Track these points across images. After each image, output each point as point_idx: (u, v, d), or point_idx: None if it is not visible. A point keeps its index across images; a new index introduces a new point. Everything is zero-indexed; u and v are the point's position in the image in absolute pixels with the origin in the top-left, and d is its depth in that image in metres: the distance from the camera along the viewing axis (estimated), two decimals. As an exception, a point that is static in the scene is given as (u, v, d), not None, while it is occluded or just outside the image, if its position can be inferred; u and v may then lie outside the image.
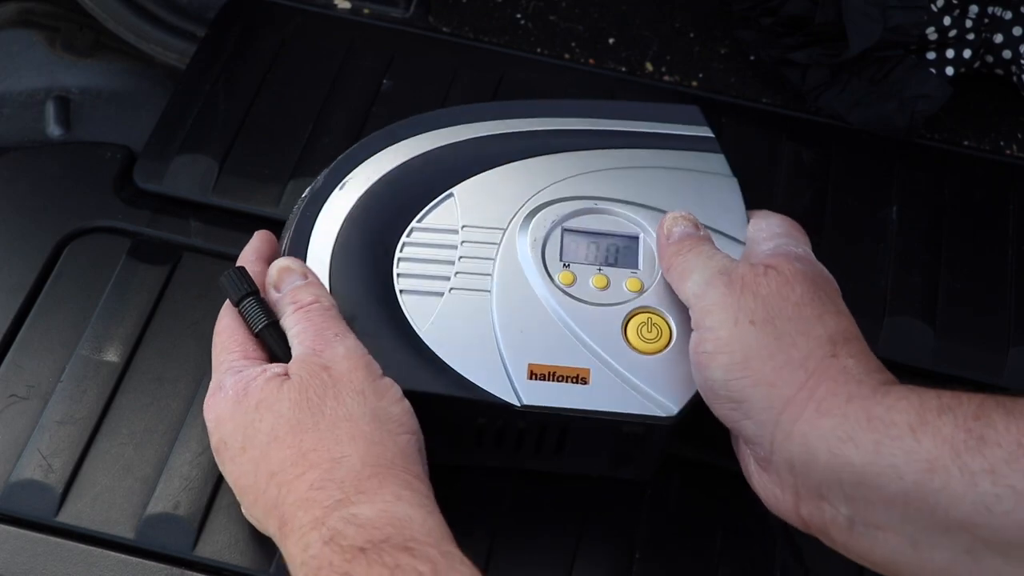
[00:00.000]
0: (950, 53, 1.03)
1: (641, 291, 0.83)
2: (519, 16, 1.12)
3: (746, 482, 0.78)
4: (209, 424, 0.78)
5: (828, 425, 0.71)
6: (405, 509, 0.69)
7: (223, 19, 1.08)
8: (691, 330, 0.78)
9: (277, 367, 0.77)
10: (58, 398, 0.86)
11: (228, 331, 0.80)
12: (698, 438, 0.85)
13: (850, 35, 1.01)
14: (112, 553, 0.81)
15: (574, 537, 0.84)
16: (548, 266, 0.83)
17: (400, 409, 0.75)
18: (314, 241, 0.83)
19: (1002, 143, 1.06)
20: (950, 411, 0.67)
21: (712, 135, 0.90)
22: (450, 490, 0.83)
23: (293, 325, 0.78)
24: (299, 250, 0.83)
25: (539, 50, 1.10)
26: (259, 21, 1.08)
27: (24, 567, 0.80)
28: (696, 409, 0.79)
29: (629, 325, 0.82)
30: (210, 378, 0.78)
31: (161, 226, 0.96)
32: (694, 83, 1.09)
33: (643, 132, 0.89)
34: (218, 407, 0.77)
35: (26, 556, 0.80)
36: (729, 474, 0.81)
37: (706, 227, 0.83)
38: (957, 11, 1.03)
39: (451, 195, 0.85)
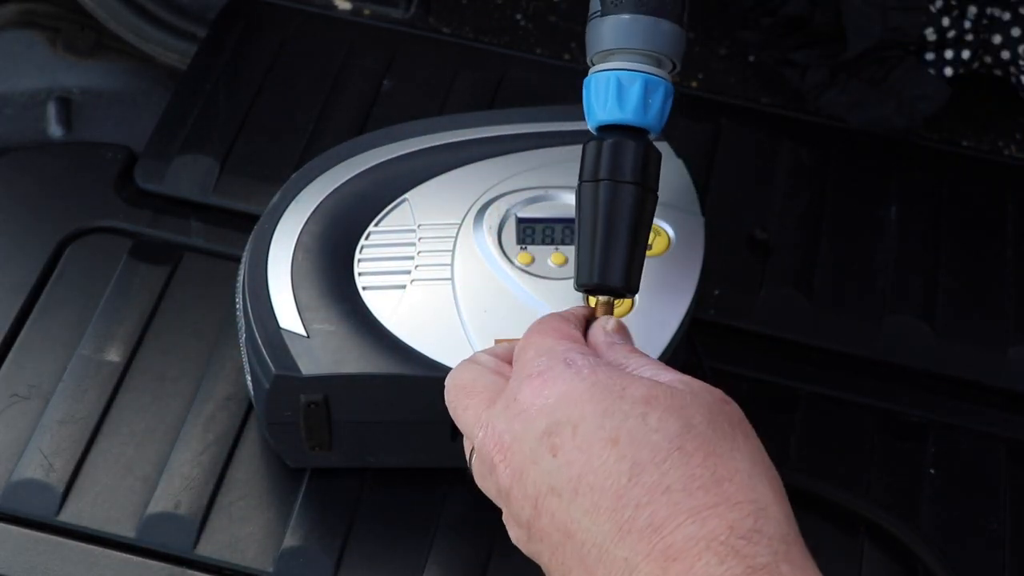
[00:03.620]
0: (949, 54, 1.04)
1: None
2: (519, 17, 1.12)
3: None
4: (537, 397, 0.63)
5: None
6: None
7: (224, 19, 1.08)
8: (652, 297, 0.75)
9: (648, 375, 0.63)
10: (59, 397, 0.87)
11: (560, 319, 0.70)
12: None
13: (849, 35, 1.01)
14: (113, 552, 0.81)
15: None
16: (506, 250, 0.83)
17: None
18: (273, 253, 0.83)
19: (1000, 143, 1.07)
20: None
21: None
22: (449, 490, 0.84)
23: (640, 358, 0.66)
24: (259, 265, 0.83)
25: (539, 50, 1.10)
26: (259, 22, 1.08)
27: (25, 566, 0.80)
28: None
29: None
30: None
31: (162, 226, 0.96)
32: (694, 83, 1.09)
33: (584, 129, 0.90)
34: (564, 383, 0.62)
35: (27, 555, 0.81)
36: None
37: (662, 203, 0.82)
38: (956, 12, 1.03)
39: (404, 200, 0.86)
